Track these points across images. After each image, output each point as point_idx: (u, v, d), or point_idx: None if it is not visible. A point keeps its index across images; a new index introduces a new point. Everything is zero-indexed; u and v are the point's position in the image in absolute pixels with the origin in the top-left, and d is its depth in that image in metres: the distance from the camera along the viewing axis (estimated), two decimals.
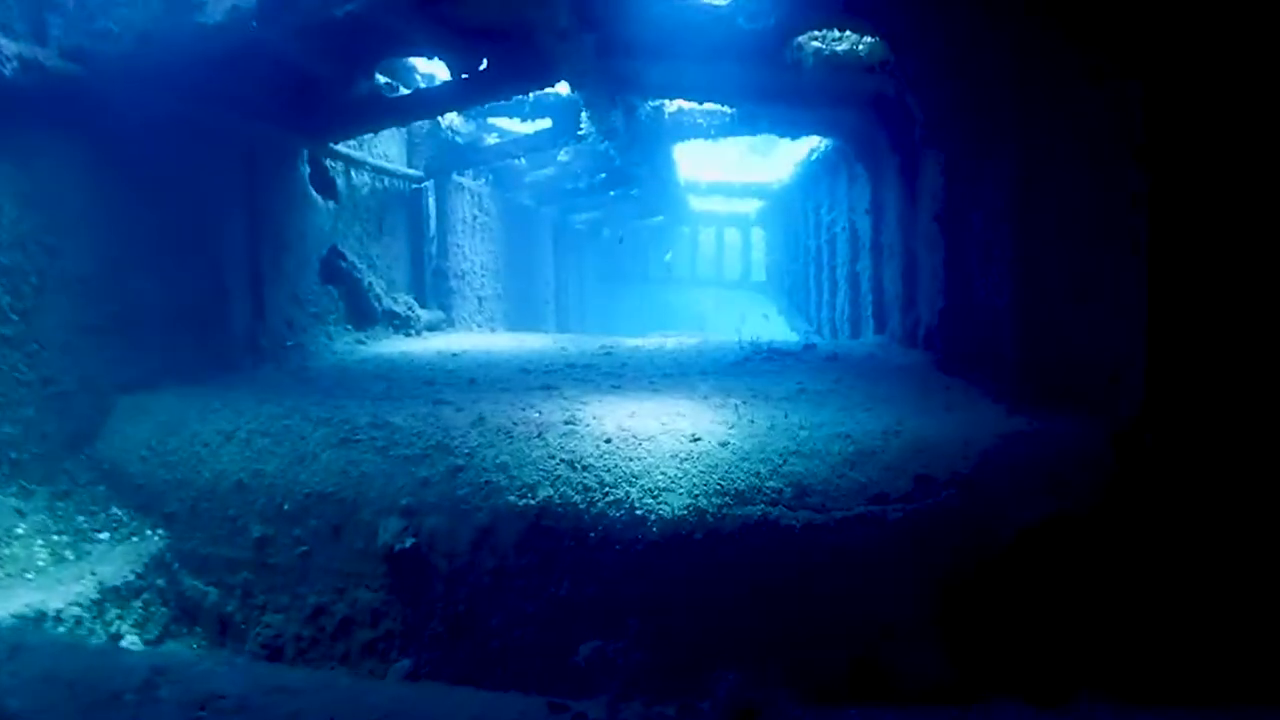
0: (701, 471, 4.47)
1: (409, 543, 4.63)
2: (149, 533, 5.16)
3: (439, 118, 10.76)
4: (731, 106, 9.81)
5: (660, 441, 4.68)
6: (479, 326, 12.45)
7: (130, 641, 4.64)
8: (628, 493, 4.42)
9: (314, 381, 6.64)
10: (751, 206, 24.12)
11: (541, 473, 4.59)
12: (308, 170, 8.71)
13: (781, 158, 23.19)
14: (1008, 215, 6.12)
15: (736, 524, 4.30)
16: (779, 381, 6.57)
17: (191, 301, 6.69)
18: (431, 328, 10.77)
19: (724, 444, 4.64)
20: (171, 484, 5.24)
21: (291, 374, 7.10)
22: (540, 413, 5.18)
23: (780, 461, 4.53)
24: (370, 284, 9.44)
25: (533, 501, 4.49)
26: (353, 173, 9.72)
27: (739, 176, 21.31)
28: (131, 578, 4.77)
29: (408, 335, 9.86)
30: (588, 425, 4.89)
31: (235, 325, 7.21)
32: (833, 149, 12.13)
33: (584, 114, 9.76)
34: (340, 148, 9.27)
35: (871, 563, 4.26)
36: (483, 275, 12.93)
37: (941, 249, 7.79)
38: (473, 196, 12.56)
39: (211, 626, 5.22)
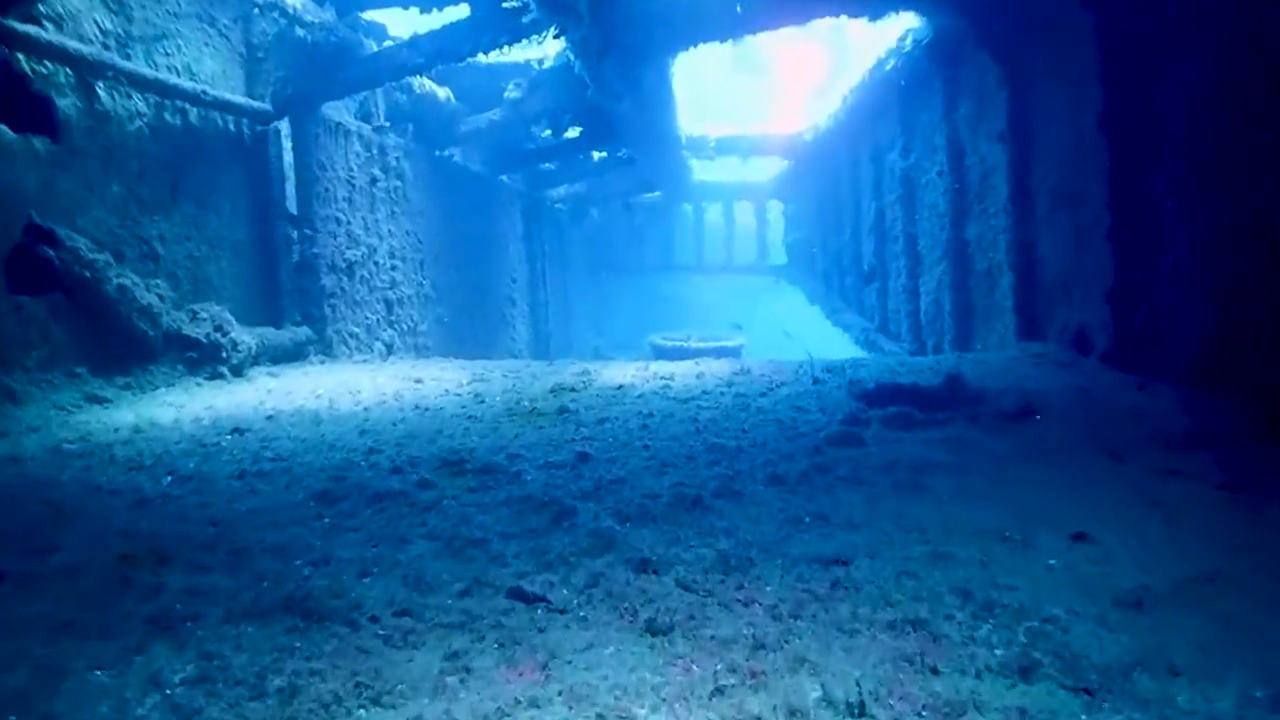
0: None
1: None
2: None
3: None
4: None
5: None
6: (382, 346, 8.11)
7: None
8: None
9: None
10: (767, 173, 19.72)
11: None
12: None
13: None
14: None
15: None
16: (1007, 546, 2.26)
17: None
18: (280, 356, 6.47)
19: None
20: None
21: None
22: None
23: None
24: (127, 289, 5.15)
25: None
26: (102, 92, 5.42)
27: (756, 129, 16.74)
28: None
29: (213, 377, 5.54)
30: None
31: None
32: (924, 48, 7.77)
33: None
34: (58, 39, 4.98)
35: None
36: (393, 268, 8.59)
37: None
38: (369, 148, 8.23)
39: None
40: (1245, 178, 3.88)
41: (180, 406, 4.73)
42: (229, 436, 3.96)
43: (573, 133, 11.73)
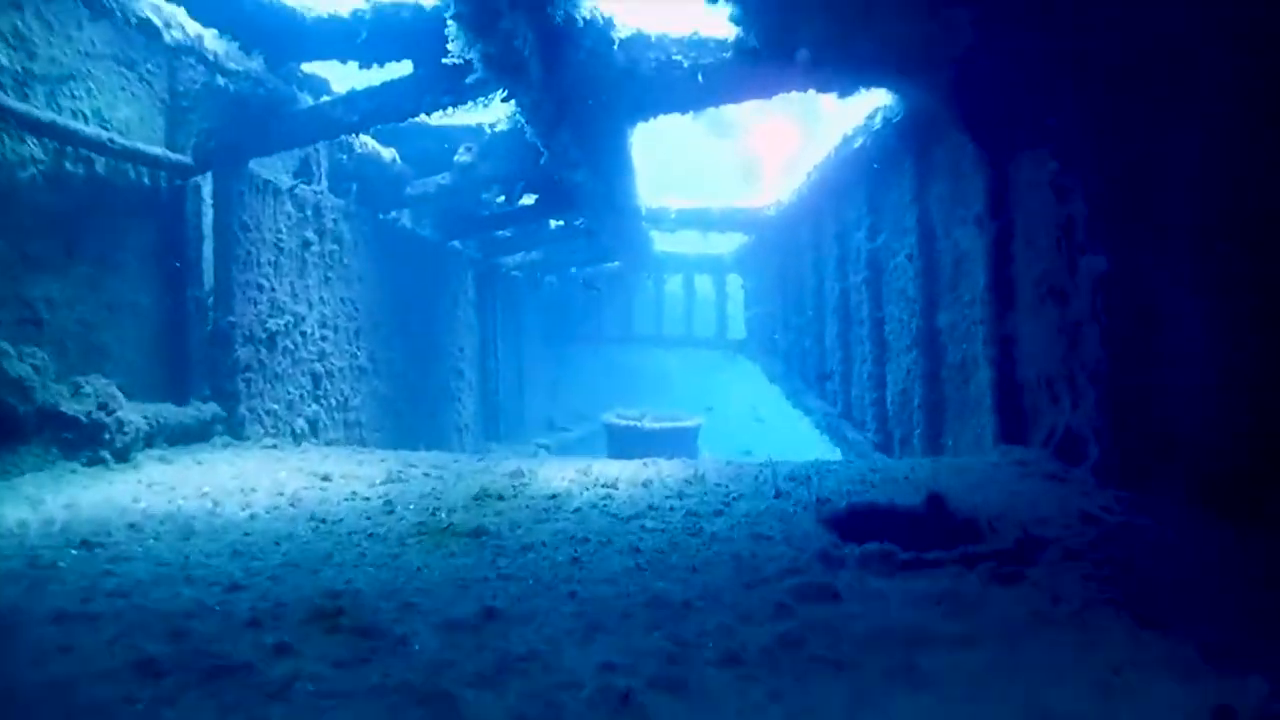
0: None
1: None
2: None
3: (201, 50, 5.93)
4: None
5: None
6: (304, 423, 7.41)
7: None
8: None
9: None
10: (727, 247, 19.43)
11: None
12: None
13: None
14: None
15: None
16: None
17: None
18: (179, 437, 5.75)
19: None
20: None
21: None
22: None
23: None
24: None
25: None
26: None
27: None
28: None
29: (93, 462, 4.83)
30: None
31: None
32: (895, 127, 7.43)
33: (453, 26, 4.97)
34: None
35: None
36: (323, 338, 7.94)
37: None
38: (302, 209, 7.64)
39: None
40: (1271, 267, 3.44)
41: (38, 503, 4.01)
42: (74, 551, 3.26)
43: (528, 200, 11.26)
